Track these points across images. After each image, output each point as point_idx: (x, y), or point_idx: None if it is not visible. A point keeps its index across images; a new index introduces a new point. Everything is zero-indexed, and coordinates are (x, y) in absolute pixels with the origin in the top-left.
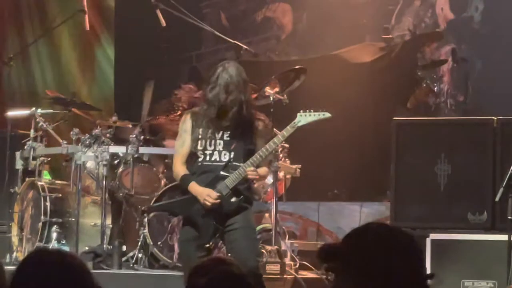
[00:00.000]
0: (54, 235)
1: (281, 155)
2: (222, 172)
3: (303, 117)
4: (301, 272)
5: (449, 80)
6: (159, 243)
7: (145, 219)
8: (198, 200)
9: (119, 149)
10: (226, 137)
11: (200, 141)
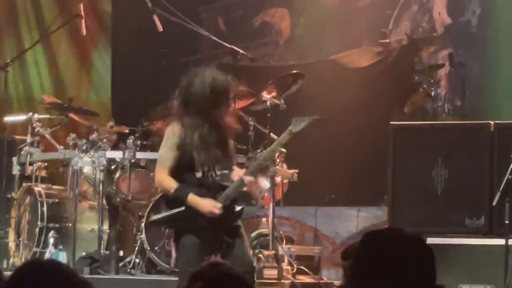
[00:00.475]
0: (51, 241)
1: (278, 160)
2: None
3: (298, 123)
4: (298, 277)
5: (447, 85)
6: (156, 248)
7: (142, 224)
8: (199, 212)
9: (116, 154)
10: None
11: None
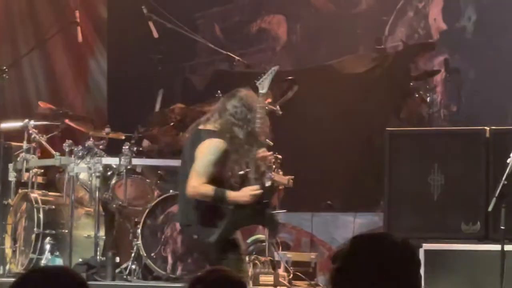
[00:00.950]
0: (48, 247)
1: (274, 166)
2: None
3: (263, 83)
4: (295, 283)
5: (443, 91)
6: (153, 255)
7: (138, 231)
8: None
9: (112, 161)
10: None
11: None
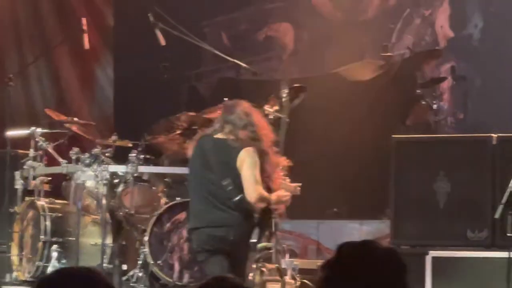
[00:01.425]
0: (54, 255)
1: (281, 173)
2: None
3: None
4: None
5: (449, 98)
6: (159, 262)
7: (145, 238)
8: None
9: (119, 168)
10: None
11: None
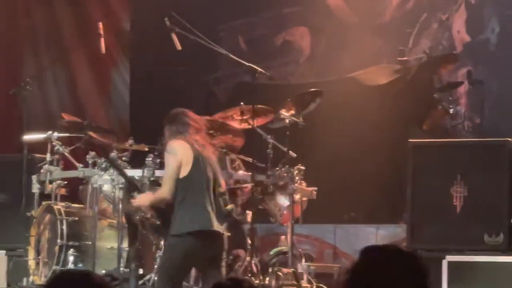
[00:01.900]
0: (71, 259)
1: (297, 178)
2: None
3: None
4: None
5: (466, 102)
6: None
7: (162, 242)
8: None
9: (135, 173)
10: None
11: None
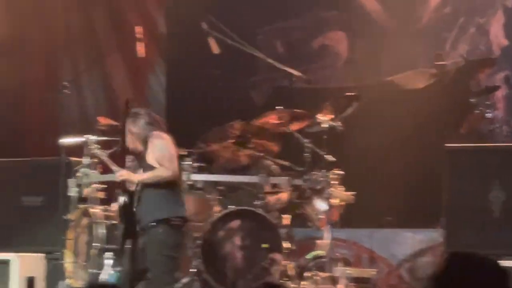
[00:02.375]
0: (108, 262)
1: (335, 182)
2: None
3: None
4: None
5: (504, 107)
6: (212, 270)
7: (198, 246)
8: None
9: None
10: None
11: None
